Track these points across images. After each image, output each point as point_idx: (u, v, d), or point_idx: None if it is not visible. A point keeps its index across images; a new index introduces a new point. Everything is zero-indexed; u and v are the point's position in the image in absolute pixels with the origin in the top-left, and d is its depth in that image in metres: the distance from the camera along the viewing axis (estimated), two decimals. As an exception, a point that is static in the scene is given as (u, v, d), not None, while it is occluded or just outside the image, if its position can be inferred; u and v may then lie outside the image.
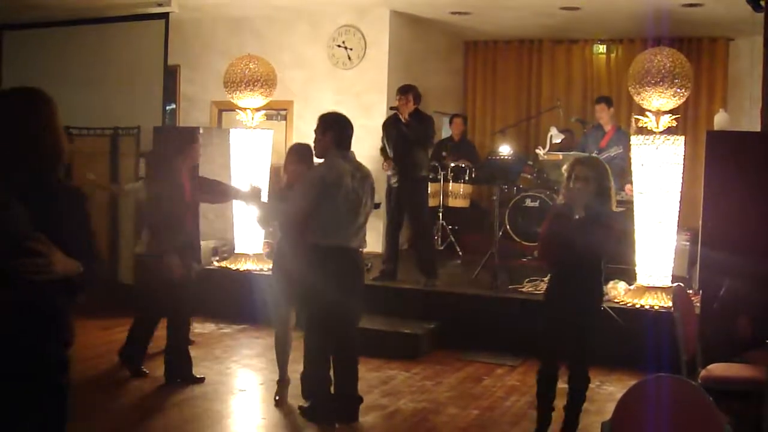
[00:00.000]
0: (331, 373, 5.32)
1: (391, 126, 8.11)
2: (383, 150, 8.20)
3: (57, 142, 2.74)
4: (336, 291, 5.10)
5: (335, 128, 5.26)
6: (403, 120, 7.93)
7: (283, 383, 5.85)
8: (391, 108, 8.48)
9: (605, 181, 4.83)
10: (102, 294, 4.83)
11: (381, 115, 9.73)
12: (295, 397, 5.73)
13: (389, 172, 8.16)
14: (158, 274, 6.06)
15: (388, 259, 8.26)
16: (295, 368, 5.67)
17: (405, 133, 7.90)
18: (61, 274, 2.53)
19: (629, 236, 7.25)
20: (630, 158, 7.53)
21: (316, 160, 5.50)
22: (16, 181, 2.62)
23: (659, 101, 7.05)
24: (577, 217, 4.81)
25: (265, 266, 8.66)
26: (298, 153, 5.66)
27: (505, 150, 9.75)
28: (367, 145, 10.10)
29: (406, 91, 8.01)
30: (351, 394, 5.39)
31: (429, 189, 9.50)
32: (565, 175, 4.94)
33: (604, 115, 9.19)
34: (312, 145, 5.48)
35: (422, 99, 8.20)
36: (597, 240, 4.77)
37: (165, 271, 5.94)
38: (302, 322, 5.58)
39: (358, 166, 5.32)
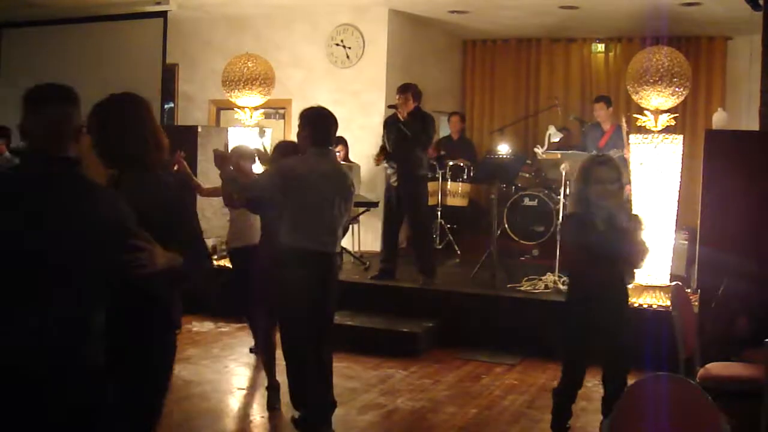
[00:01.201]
0: None
1: (391, 125, 8.11)
2: (383, 148, 8.20)
3: (160, 140, 3.06)
4: (297, 295, 4.92)
5: (313, 124, 5.01)
6: (401, 118, 7.92)
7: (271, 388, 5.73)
8: (390, 106, 8.48)
9: (625, 182, 4.54)
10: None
11: (379, 113, 9.73)
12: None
13: (388, 171, 8.16)
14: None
15: (386, 258, 8.25)
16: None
17: (404, 131, 7.90)
18: (163, 267, 2.71)
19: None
20: (628, 157, 7.53)
21: None
22: (126, 179, 2.93)
23: (657, 100, 7.05)
24: (600, 222, 4.40)
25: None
26: (281, 149, 5.53)
27: (503, 149, 9.74)
28: (365, 144, 10.11)
29: (405, 89, 8.01)
30: (322, 400, 5.16)
31: (428, 188, 9.51)
32: (579, 177, 4.54)
33: (602, 113, 9.20)
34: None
35: (422, 97, 8.19)
36: (628, 247, 4.42)
37: None
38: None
39: (336, 165, 5.16)
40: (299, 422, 5.17)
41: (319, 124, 5.01)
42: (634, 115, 7.32)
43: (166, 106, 10.72)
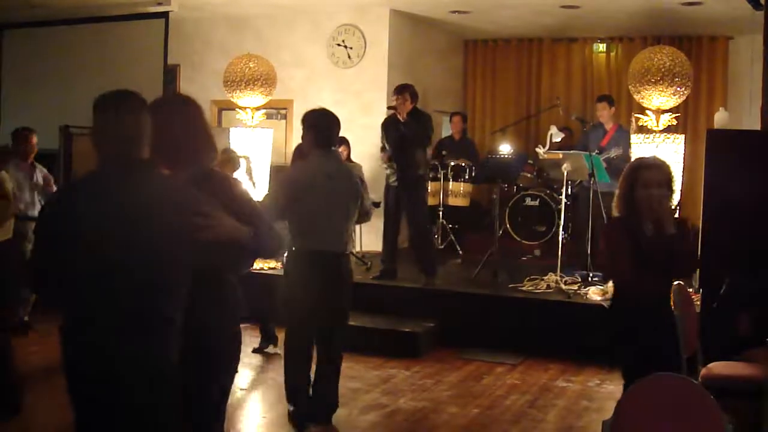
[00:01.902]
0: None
1: (390, 126, 8.11)
2: (383, 149, 8.21)
3: (211, 139, 3.25)
4: (307, 295, 4.98)
5: (315, 127, 5.05)
6: (401, 119, 7.92)
7: None
8: (389, 107, 8.48)
9: (673, 185, 4.22)
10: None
11: (381, 113, 9.71)
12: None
13: (388, 171, 8.16)
14: None
15: (387, 258, 8.25)
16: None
17: (403, 132, 7.90)
18: (230, 234, 2.82)
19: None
20: (630, 157, 7.53)
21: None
22: (192, 173, 3.05)
23: (659, 100, 7.06)
24: (648, 228, 4.14)
25: (265, 265, 8.66)
26: (300, 152, 5.63)
27: (505, 149, 9.74)
28: (367, 144, 10.12)
29: (402, 90, 8.01)
30: (326, 400, 5.23)
31: (429, 188, 9.51)
32: (624, 179, 4.24)
33: (605, 113, 9.18)
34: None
35: (421, 97, 8.20)
36: (677, 255, 4.12)
37: None
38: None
39: (339, 166, 5.19)
40: (290, 415, 5.29)
41: (320, 126, 5.05)
42: (636, 115, 7.32)
43: (167, 107, 10.71)
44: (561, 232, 8.26)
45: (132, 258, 2.65)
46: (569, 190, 8.75)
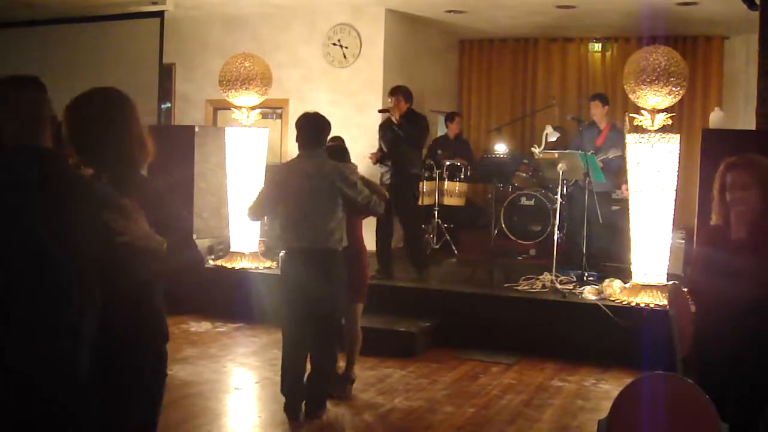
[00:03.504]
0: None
1: (386, 127, 8.29)
2: (380, 150, 8.33)
3: (142, 139, 2.94)
4: (292, 291, 5.28)
5: (300, 129, 5.37)
6: (395, 121, 8.03)
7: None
8: (380, 111, 8.63)
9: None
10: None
11: (376, 113, 9.73)
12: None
13: (382, 170, 8.26)
14: None
15: (380, 257, 8.28)
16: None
17: (397, 133, 8.06)
18: (141, 242, 2.61)
19: (624, 234, 7.25)
20: (625, 157, 7.54)
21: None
22: (118, 175, 2.81)
23: (654, 99, 7.05)
24: (741, 235, 3.79)
25: (261, 264, 8.66)
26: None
27: (500, 148, 9.76)
28: (363, 144, 10.11)
29: (396, 91, 8.23)
30: (315, 391, 5.41)
31: (425, 188, 9.54)
32: (715, 183, 3.91)
33: (598, 111, 9.18)
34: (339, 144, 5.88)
35: (417, 97, 8.28)
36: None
37: None
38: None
39: (321, 167, 5.29)
40: (284, 407, 5.43)
41: (305, 128, 5.36)
42: (631, 115, 7.31)
43: (163, 106, 10.71)
44: (556, 232, 8.26)
45: (15, 259, 2.42)
46: (564, 189, 8.76)
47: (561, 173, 8.06)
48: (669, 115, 7.16)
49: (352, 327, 5.90)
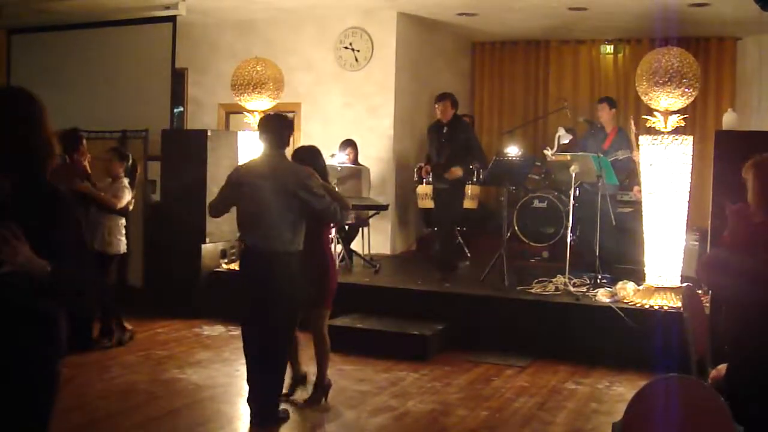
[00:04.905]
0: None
1: (433, 132, 8.80)
2: (428, 156, 8.67)
3: (45, 143, 2.70)
4: (243, 290, 5.37)
5: (260, 130, 5.48)
6: (444, 123, 8.70)
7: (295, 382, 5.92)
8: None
9: None
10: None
11: (388, 116, 9.74)
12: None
13: (427, 177, 9.13)
14: None
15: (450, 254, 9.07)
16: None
17: (445, 139, 8.64)
18: (23, 269, 2.43)
19: (634, 236, 7.22)
20: (637, 159, 7.52)
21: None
22: (18, 182, 2.57)
23: (667, 101, 7.04)
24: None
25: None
26: (299, 155, 5.80)
27: (512, 151, 9.74)
28: (375, 147, 10.15)
29: (443, 98, 8.55)
30: (264, 400, 5.33)
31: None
32: (755, 185, 3.86)
33: (605, 114, 9.16)
34: (311, 146, 5.93)
35: (428, 101, 8.35)
36: None
37: None
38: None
39: (279, 168, 5.28)
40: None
41: (265, 129, 5.45)
42: (644, 117, 7.30)
43: (175, 111, 10.74)
44: (569, 234, 8.24)
45: None
46: (577, 191, 8.74)
47: (574, 175, 8.05)
48: (682, 116, 7.14)
49: (318, 333, 5.73)
